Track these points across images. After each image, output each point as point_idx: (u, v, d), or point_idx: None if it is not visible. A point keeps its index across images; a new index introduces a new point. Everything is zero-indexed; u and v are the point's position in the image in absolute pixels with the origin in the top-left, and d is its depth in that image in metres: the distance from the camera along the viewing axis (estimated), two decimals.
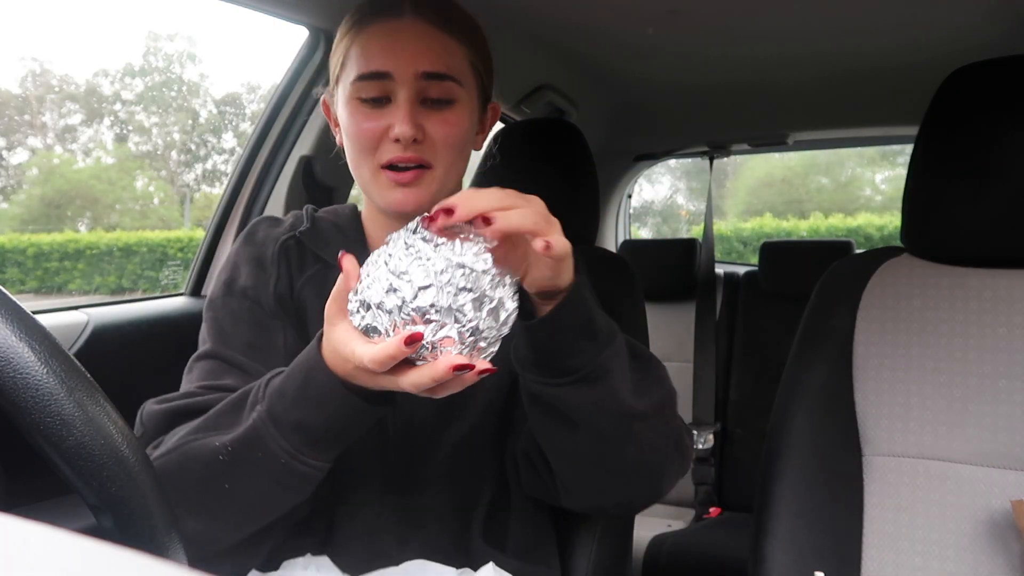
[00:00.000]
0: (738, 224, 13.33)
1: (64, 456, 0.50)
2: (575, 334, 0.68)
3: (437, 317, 0.59)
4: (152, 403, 0.77)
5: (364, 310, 0.61)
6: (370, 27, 0.80)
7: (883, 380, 1.00)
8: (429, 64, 0.78)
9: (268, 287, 0.84)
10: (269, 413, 0.66)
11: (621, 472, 0.75)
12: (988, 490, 0.93)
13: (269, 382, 0.69)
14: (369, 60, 0.78)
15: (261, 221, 0.91)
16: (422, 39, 0.78)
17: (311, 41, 1.32)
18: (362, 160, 0.80)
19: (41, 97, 18.12)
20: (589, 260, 1.19)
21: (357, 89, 0.79)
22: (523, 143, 1.29)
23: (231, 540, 0.72)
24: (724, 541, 1.89)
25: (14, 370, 0.49)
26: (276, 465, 0.66)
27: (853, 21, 1.46)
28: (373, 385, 0.63)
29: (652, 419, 0.73)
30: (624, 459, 0.73)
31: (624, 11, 1.42)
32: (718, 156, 2.44)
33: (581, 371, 0.68)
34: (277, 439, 0.66)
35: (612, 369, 0.70)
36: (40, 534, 0.26)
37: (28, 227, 14.67)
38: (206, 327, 0.84)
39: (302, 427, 0.66)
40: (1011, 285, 0.98)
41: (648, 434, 0.74)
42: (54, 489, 0.97)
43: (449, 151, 0.80)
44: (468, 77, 0.82)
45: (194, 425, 0.71)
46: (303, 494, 0.70)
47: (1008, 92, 0.96)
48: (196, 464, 0.68)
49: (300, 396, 0.65)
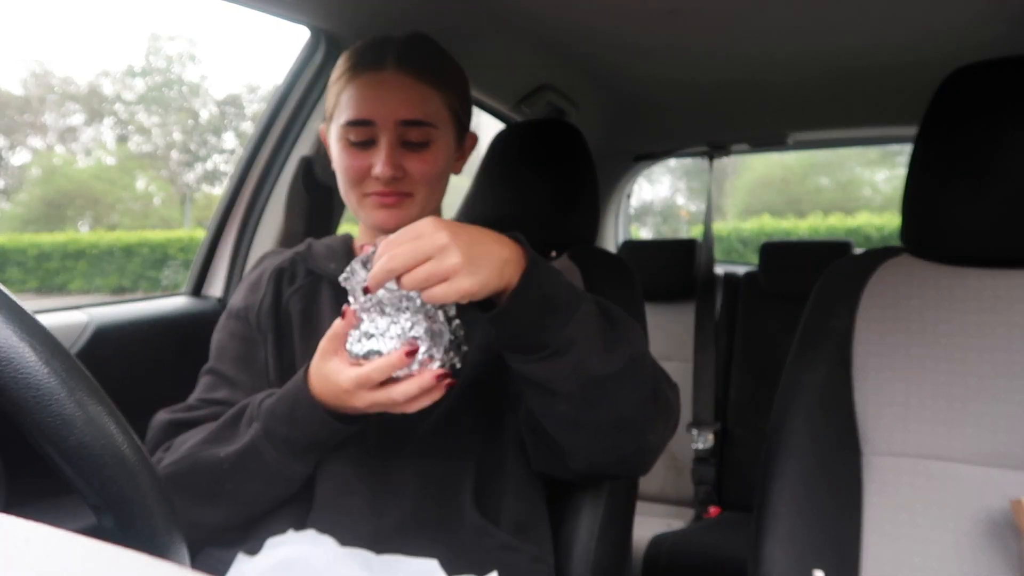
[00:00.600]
0: (738, 224, 13.33)
1: (65, 456, 0.50)
2: (535, 316, 0.75)
3: (426, 339, 0.76)
4: (162, 412, 0.92)
5: (367, 339, 0.76)
6: (359, 77, 0.93)
7: (883, 380, 1.00)
8: (407, 113, 0.91)
9: (255, 305, 0.97)
10: (264, 430, 0.81)
11: (607, 430, 0.81)
12: (988, 490, 0.93)
13: (263, 402, 0.83)
14: (356, 108, 0.91)
15: (269, 253, 1.07)
16: (402, 90, 0.91)
17: (312, 41, 1.32)
18: (350, 190, 0.95)
19: (42, 97, 18.13)
20: (589, 260, 1.19)
21: (346, 132, 0.92)
22: (523, 143, 1.29)
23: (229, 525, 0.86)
24: (724, 541, 1.89)
25: (15, 370, 0.49)
26: (269, 471, 0.82)
27: (853, 20, 1.47)
28: (365, 402, 0.76)
29: (623, 376, 0.78)
30: (605, 418, 0.80)
31: (624, 11, 1.42)
32: (718, 156, 2.43)
33: (549, 347, 0.75)
34: (270, 451, 0.81)
35: (576, 339, 0.75)
36: (40, 534, 0.26)
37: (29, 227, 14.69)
38: (212, 344, 0.99)
39: (290, 441, 0.81)
40: (1011, 285, 0.98)
41: (622, 391, 0.79)
42: (54, 489, 0.97)
43: (426, 184, 0.93)
44: (445, 119, 0.95)
45: (201, 437, 0.85)
46: (290, 491, 0.85)
47: (1008, 92, 0.96)
48: (204, 469, 0.83)
49: (288, 417, 0.80)
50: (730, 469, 2.18)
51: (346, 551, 0.79)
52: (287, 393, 0.82)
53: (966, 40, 1.50)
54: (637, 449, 0.84)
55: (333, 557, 0.77)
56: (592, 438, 0.82)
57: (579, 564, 0.99)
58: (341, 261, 0.96)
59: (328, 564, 0.75)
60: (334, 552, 0.78)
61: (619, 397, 0.78)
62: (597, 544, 0.99)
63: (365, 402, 0.76)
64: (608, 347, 0.77)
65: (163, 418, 0.91)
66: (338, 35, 1.29)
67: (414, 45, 0.95)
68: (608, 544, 1.00)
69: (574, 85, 1.85)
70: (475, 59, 1.52)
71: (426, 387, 0.75)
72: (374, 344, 0.76)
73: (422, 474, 0.88)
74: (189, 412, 0.91)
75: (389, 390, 0.75)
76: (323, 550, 0.78)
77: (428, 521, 0.86)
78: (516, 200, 1.24)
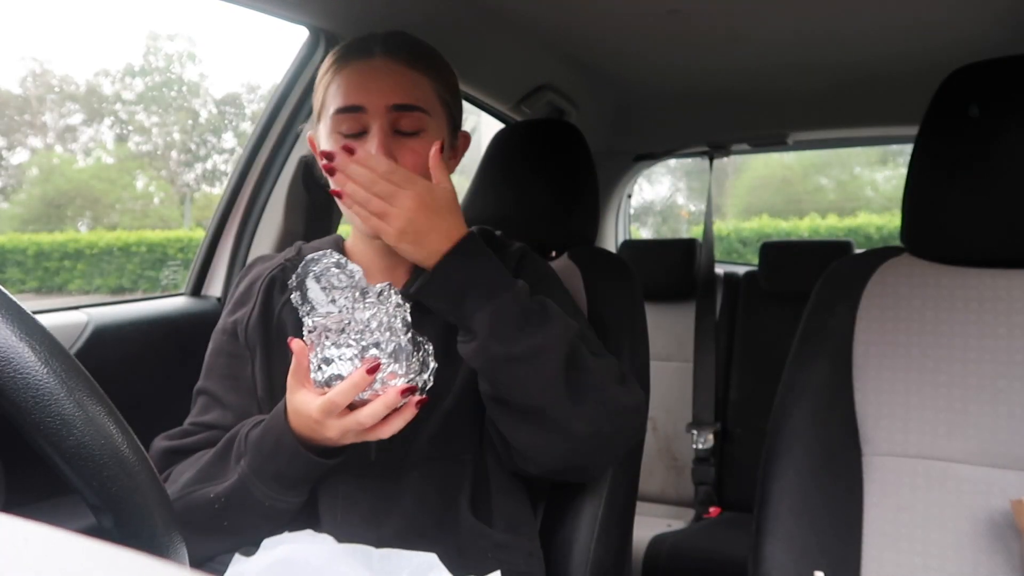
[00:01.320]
0: (738, 224, 13.32)
1: (64, 456, 0.50)
2: (450, 297, 0.82)
3: (386, 355, 0.74)
4: (160, 440, 0.92)
5: (326, 365, 0.75)
6: (346, 68, 0.91)
7: (883, 380, 1.00)
8: (398, 97, 0.88)
9: (244, 319, 0.95)
10: (251, 467, 0.80)
11: (526, 418, 0.84)
12: (988, 490, 0.93)
13: (249, 433, 0.83)
14: (345, 96, 0.89)
15: (257, 259, 1.03)
16: (391, 75, 0.89)
17: (311, 41, 1.32)
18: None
19: (41, 97, 18.12)
20: (589, 260, 1.19)
21: (337, 123, 0.89)
22: (523, 143, 1.29)
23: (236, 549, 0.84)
24: (724, 541, 1.89)
25: (14, 370, 0.49)
26: (263, 506, 0.81)
27: (853, 21, 1.47)
28: (336, 431, 0.75)
29: (527, 361, 0.81)
30: (517, 401, 0.83)
31: (624, 11, 1.42)
32: (718, 156, 2.43)
33: (463, 327, 0.82)
34: (259, 487, 0.80)
35: (482, 325, 0.81)
36: (40, 534, 0.26)
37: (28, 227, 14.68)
38: (205, 360, 0.97)
39: (278, 477, 0.80)
40: (1011, 285, 0.98)
41: (529, 376, 0.81)
42: (54, 489, 0.97)
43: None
44: (437, 108, 0.92)
45: (192, 475, 0.84)
46: (289, 517, 0.84)
47: (1008, 92, 0.96)
48: (197, 510, 0.82)
49: (272, 455, 0.80)
50: (730, 469, 2.18)
51: (345, 547, 0.79)
52: (270, 429, 0.81)
53: (966, 41, 1.50)
54: (570, 448, 0.84)
55: (332, 554, 0.77)
56: (517, 427, 0.85)
57: (579, 564, 0.98)
58: None
59: (327, 561, 0.75)
60: (332, 549, 0.78)
61: (526, 381, 0.81)
62: (597, 544, 0.99)
63: (335, 431, 0.75)
64: (515, 336, 0.81)
65: (161, 446, 0.91)
66: (337, 34, 1.29)
67: (400, 36, 0.95)
68: (608, 544, 1.00)
69: (574, 85, 1.84)
70: (475, 59, 1.52)
71: (392, 404, 0.74)
72: (334, 369, 0.75)
73: (422, 481, 0.88)
74: (184, 439, 0.91)
75: (356, 414, 0.74)
76: (321, 547, 0.78)
77: (427, 527, 0.87)
78: (516, 200, 1.24)
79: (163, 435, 0.92)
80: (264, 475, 0.80)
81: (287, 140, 1.36)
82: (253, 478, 0.80)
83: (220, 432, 0.88)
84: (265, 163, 1.36)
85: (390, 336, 0.75)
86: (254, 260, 1.04)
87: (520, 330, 0.81)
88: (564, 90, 1.82)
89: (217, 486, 0.82)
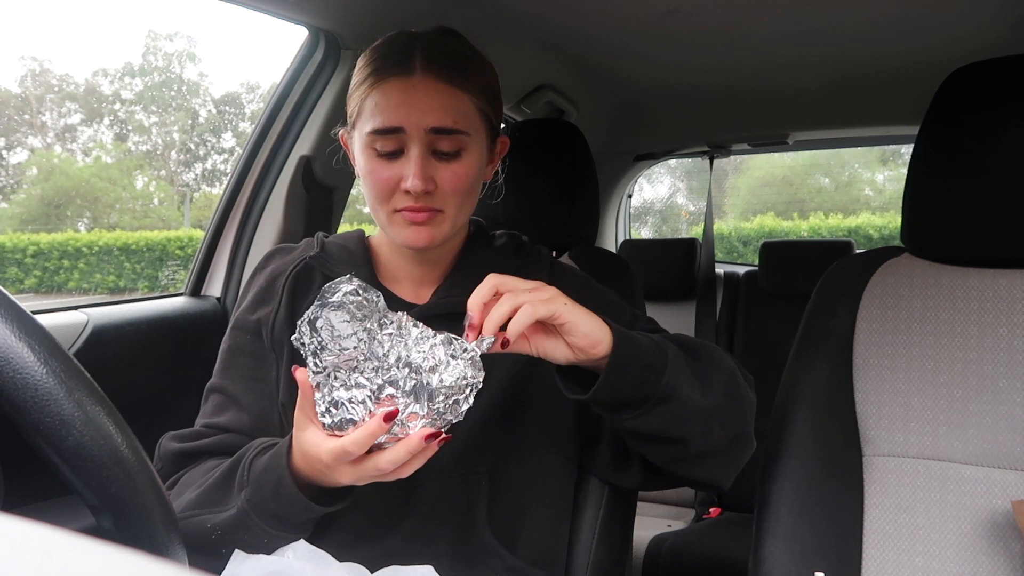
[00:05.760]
0: (739, 224, 13.32)
1: (63, 456, 0.50)
2: (632, 380, 0.76)
3: (402, 396, 0.67)
4: (169, 440, 0.88)
5: (335, 408, 0.68)
6: (385, 83, 0.85)
7: (883, 380, 1.00)
8: (438, 120, 0.83)
9: (269, 319, 0.90)
10: (250, 503, 0.76)
11: (726, 450, 0.85)
12: (988, 490, 0.93)
13: (253, 462, 0.78)
14: (384, 116, 0.84)
15: (274, 251, 0.99)
16: (432, 96, 0.84)
17: (311, 41, 1.32)
18: (379, 205, 0.87)
19: (41, 97, 18.12)
20: (589, 259, 1.19)
21: (372, 140, 0.85)
22: (523, 143, 1.29)
23: None
24: (724, 541, 1.89)
25: (13, 370, 0.49)
26: (261, 541, 0.77)
27: (853, 20, 1.46)
28: (349, 477, 0.70)
29: (727, 401, 0.82)
30: (720, 442, 0.83)
31: (624, 11, 1.42)
32: (718, 156, 2.43)
33: (650, 399, 0.77)
34: (260, 524, 0.76)
35: (677, 384, 0.78)
36: (40, 534, 0.26)
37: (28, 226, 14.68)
38: (219, 357, 0.93)
39: (278, 518, 0.76)
40: (1011, 285, 0.98)
41: (729, 414, 0.83)
42: (54, 489, 0.97)
43: (458, 196, 0.87)
44: (477, 124, 0.87)
45: (193, 498, 0.81)
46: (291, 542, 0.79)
47: (1008, 92, 0.96)
48: (195, 537, 0.78)
49: (274, 495, 0.75)
50: None
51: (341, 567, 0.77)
52: (272, 468, 0.76)
53: (966, 40, 1.49)
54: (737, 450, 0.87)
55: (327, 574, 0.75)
56: (715, 460, 0.86)
57: (579, 564, 0.98)
58: (360, 266, 0.92)
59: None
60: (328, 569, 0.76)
61: (728, 419, 0.83)
62: (597, 544, 0.99)
63: (349, 477, 0.70)
64: (703, 380, 0.81)
65: (172, 448, 0.87)
66: (337, 35, 1.29)
67: (441, 43, 0.88)
68: (608, 544, 1.00)
69: (574, 85, 1.84)
70: None
71: (415, 450, 0.68)
72: (344, 413, 0.68)
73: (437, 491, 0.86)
74: (196, 440, 0.87)
75: (375, 459, 0.69)
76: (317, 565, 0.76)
77: (439, 536, 0.85)
78: (516, 200, 1.24)
79: (173, 435, 0.89)
80: (263, 513, 0.76)
81: (287, 140, 1.36)
82: (252, 514, 0.76)
83: (234, 435, 0.86)
84: (264, 163, 1.36)
85: (409, 373, 0.68)
86: (271, 252, 0.99)
87: (701, 375, 0.82)
88: (564, 90, 1.82)
89: (216, 515, 0.78)
